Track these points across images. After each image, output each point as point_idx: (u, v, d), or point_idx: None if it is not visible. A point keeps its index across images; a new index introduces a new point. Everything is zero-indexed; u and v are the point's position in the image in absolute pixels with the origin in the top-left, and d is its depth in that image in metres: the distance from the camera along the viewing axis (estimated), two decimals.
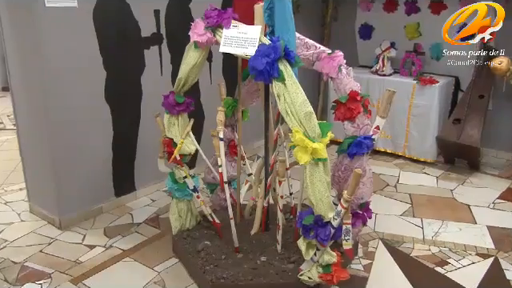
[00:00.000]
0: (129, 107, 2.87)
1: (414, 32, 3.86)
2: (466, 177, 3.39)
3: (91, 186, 2.74)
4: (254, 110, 2.46)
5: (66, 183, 2.61)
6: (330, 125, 1.72)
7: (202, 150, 2.27)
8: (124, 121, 2.85)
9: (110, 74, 2.68)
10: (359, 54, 4.23)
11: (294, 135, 1.66)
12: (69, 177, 2.61)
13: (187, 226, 2.38)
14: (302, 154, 1.65)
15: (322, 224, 1.72)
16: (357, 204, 2.09)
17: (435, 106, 3.50)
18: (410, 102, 3.60)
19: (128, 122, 2.89)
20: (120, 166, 2.89)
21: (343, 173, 2.03)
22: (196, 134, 2.29)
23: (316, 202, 1.70)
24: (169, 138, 2.17)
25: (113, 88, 2.71)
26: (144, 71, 2.89)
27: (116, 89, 2.73)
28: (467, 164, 3.56)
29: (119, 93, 2.76)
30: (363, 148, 1.97)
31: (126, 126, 2.88)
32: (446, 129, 3.50)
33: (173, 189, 2.28)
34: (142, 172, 3.03)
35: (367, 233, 2.56)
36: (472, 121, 3.39)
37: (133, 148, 2.97)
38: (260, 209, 2.26)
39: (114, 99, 2.74)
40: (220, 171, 2.11)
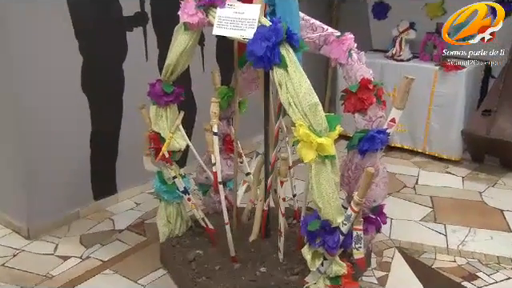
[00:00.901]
0: (109, 98, 2.90)
1: (436, 9, 3.84)
2: (498, 177, 3.41)
3: (66, 188, 2.77)
4: (252, 101, 2.50)
5: (36, 185, 2.62)
6: (339, 117, 1.75)
7: (194, 147, 2.31)
8: (104, 113, 2.88)
9: (86, 59, 2.71)
10: (373, 37, 4.24)
11: (297, 129, 1.69)
12: (39, 178, 2.62)
13: (177, 233, 2.43)
14: (306, 150, 1.68)
15: (330, 230, 1.76)
16: (369, 207, 2.12)
17: (461, 94, 3.52)
18: (432, 91, 3.63)
19: (108, 114, 2.92)
20: (99, 165, 2.93)
21: (353, 172, 2.07)
22: (187, 128, 2.33)
23: (323, 205, 1.73)
24: (156, 132, 2.22)
25: (90, 76, 2.74)
26: (126, 56, 2.92)
27: (94, 77, 2.76)
28: (499, 162, 3.58)
29: (98, 81, 2.79)
30: (376, 144, 2.00)
31: (107, 119, 2.91)
32: (474, 121, 3.52)
33: (160, 190, 2.32)
34: (124, 172, 3.07)
35: (381, 240, 2.61)
36: (505, 112, 3.38)
37: (114, 144, 3.01)
38: (259, 213, 2.31)
39: (91, 89, 2.77)
40: (214, 170, 2.15)
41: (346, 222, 1.72)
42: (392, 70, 3.77)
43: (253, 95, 2.45)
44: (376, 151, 2.04)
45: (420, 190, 3.27)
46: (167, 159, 2.23)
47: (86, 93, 2.75)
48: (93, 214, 2.92)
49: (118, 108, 2.96)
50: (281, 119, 2.16)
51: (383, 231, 2.55)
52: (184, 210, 2.45)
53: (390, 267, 2.38)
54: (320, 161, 1.69)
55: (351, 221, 1.71)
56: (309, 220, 1.82)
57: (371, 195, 2.07)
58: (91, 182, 2.92)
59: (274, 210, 2.34)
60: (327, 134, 1.69)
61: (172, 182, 2.29)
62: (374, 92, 2.02)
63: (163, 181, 2.31)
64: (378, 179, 2.08)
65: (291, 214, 2.56)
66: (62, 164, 2.72)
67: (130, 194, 3.15)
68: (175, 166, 2.29)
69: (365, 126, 2.03)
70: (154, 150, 2.24)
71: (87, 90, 2.76)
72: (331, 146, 1.68)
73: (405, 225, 2.80)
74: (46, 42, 2.51)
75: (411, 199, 3.14)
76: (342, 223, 1.73)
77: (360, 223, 1.72)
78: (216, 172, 2.14)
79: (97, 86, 2.79)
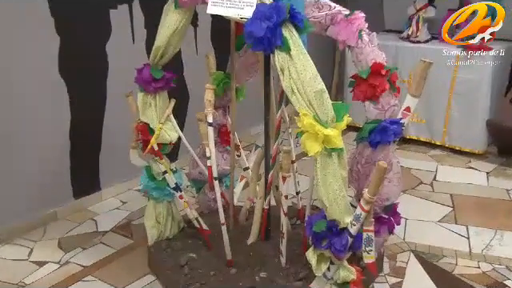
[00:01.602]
0: (91, 84, 2.91)
1: None
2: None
3: (42, 185, 2.78)
4: (251, 88, 2.52)
5: (7, 182, 2.63)
6: (348, 106, 1.76)
7: (186, 138, 2.34)
8: (85, 101, 2.89)
9: (64, 40, 2.71)
10: (386, 16, 4.24)
11: (301, 119, 1.70)
12: (10, 173, 2.63)
13: (167, 235, 2.46)
14: (311, 142, 1.70)
15: (337, 231, 1.78)
16: (381, 206, 2.14)
17: (487, 80, 3.51)
18: (453, 77, 3.63)
19: (90, 102, 2.94)
20: (80, 160, 2.95)
21: (363, 167, 2.09)
22: (178, 118, 2.35)
23: (329, 203, 1.75)
24: (144, 122, 2.24)
25: (69, 59, 2.75)
26: (110, 38, 2.93)
27: (73, 60, 2.77)
28: None
29: (78, 65, 2.80)
30: (389, 135, 2.01)
31: (88, 108, 2.93)
32: (502, 110, 3.52)
33: (149, 187, 2.35)
34: (109, 167, 3.10)
35: (395, 243, 2.64)
36: None
37: (97, 136, 3.02)
38: (259, 212, 2.34)
39: (70, 73, 2.78)
40: (209, 164, 2.17)
41: (355, 223, 1.74)
42: (408, 52, 3.78)
43: (252, 81, 2.47)
44: (389, 144, 2.06)
45: (439, 188, 3.29)
46: (156, 152, 2.25)
47: (64, 78, 2.77)
48: (73, 215, 2.94)
49: (100, 95, 2.98)
50: (283, 108, 2.18)
51: (397, 233, 2.58)
52: (175, 209, 2.48)
53: (405, 273, 2.40)
54: (326, 154, 1.71)
55: (361, 221, 1.73)
56: (314, 220, 1.84)
57: (383, 193, 2.09)
58: (71, 178, 2.94)
59: (275, 209, 2.37)
60: (334, 125, 1.71)
61: (162, 178, 2.32)
62: (387, 78, 2.03)
63: (152, 176, 2.33)
64: (391, 175, 2.10)
65: (294, 213, 2.59)
66: (37, 158, 2.73)
67: (114, 192, 3.18)
68: (165, 160, 2.32)
69: (376, 116, 2.04)
70: (142, 142, 2.26)
71: (65, 75, 2.77)
72: (339, 138, 1.70)
73: (421, 226, 2.82)
74: (17, 20, 2.50)
75: (428, 197, 3.17)
76: (351, 224, 1.75)
77: (371, 224, 1.74)
78: (211, 167, 2.16)
79: (76, 71, 2.80)
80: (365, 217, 1.72)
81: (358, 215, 1.73)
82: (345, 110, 1.74)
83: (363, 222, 1.73)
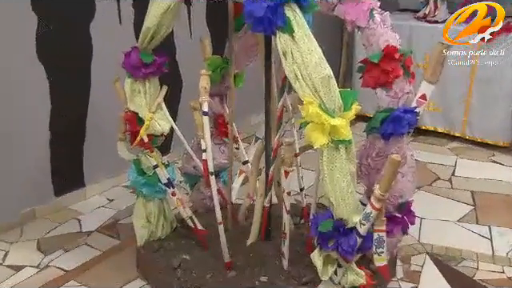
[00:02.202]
0: (73, 68, 2.91)
1: None
2: None
3: (19, 182, 2.78)
4: (250, 74, 2.52)
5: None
6: (357, 93, 1.76)
7: (180, 129, 2.34)
8: (67, 88, 2.89)
9: (43, 20, 2.69)
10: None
11: (305, 108, 1.71)
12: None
13: (159, 235, 2.47)
14: (316, 133, 1.70)
15: (345, 231, 1.79)
16: (394, 204, 2.15)
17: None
18: (474, 61, 3.63)
19: (73, 89, 2.93)
20: (62, 154, 2.95)
21: (374, 160, 2.09)
22: (170, 107, 2.35)
23: (336, 200, 1.76)
24: (132, 111, 2.25)
25: (49, 41, 2.74)
26: (94, 18, 2.92)
27: (53, 42, 2.76)
28: None
29: (58, 48, 2.79)
30: (403, 126, 2.02)
31: (70, 96, 2.93)
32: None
33: (138, 183, 2.36)
34: (93, 161, 3.10)
35: (409, 244, 2.65)
36: None
37: (81, 127, 3.03)
38: (259, 210, 2.35)
39: (50, 57, 2.76)
40: (204, 158, 2.18)
41: (365, 222, 1.75)
42: (424, 34, 3.76)
43: (251, 66, 2.47)
44: (402, 135, 2.06)
45: (458, 184, 3.30)
46: (146, 145, 2.26)
47: (43, 62, 2.76)
48: (53, 214, 2.95)
49: (84, 82, 2.98)
50: (285, 96, 2.19)
51: (411, 233, 2.58)
52: (167, 207, 2.49)
53: (420, 277, 2.41)
54: (333, 146, 1.72)
55: (371, 220, 1.74)
56: (320, 219, 1.85)
57: (396, 189, 2.09)
58: (51, 173, 2.94)
59: (276, 208, 2.38)
60: (342, 114, 1.71)
61: (152, 173, 2.33)
62: (401, 62, 2.03)
63: (141, 171, 2.34)
64: (404, 169, 2.11)
65: (298, 211, 2.60)
66: (13, 151, 2.72)
67: (100, 189, 3.20)
68: (156, 153, 2.33)
69: (389, 104, 2.05)
70: (130, 133, 2.27)
71: (44, 59, 2.76)
72: (347, 129, 1.70)
73: (438, 226, 2.84)
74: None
75: (447, 195, 3.18)
76: (360, 223, 1.76)
77: (382, 223, 1.75)
78: (206, 160, 2.17)
79: (57, 54, 2.79)
80: (376, 216, 1.72)
81: (368, 214, 1.74)
82: (353, 97, 1.74)
83: (374, 222, 1.74)
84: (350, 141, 1.72)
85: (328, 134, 1.70)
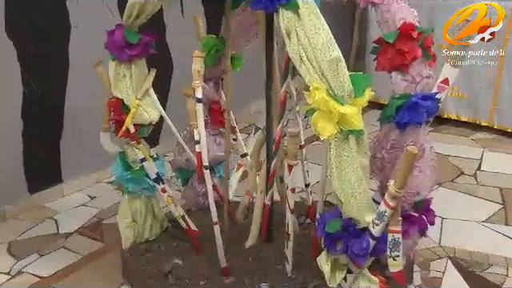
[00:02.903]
0: (48, 48, 2.90)
1: None
2: None
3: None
4: (249, 56, 2.52)
5: None
6: (370, 77, 1.77)
7: (170, 118, 2.34)
8: (41, 70, 2.88)
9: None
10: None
11: (312, 94, 1.72)
12: None
13: (146, 236, 2.48)
14: (324, 123, 1.71)
15: (356, 232, 1.81)
16: (411, 202, 2.14)
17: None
18: (505, 39, 3.61)
19: (48, 72, 2.93)
20: (36, 146, 2.96)
21: (389, 153, 2.09)
22: (160, 93, 2.35)
23: (346, 197, 1.78)
24: (117, 98, 2.24)
25: (20, 16, 2.72)
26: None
27: (25, 18, 2.74)
28: None
29: (31, 25, 2.77)
30: (421, 114, 2.01)
31: (46, 79, 2.93)
32: None
33: (124, 179, 2.36)
34: (73, 154, 3.11)
35: (428, 248, 2.66)
36: None
37: (58, 115, 3.03)
38: (260, 209, 2.36)
39: (22, 35, 2.75)
40: (197, 150, 2.19)
41: (379, 222, 1.76)
42: (445, 10, 3.75)
43: (251, 48, 2.47)
44: (420, 124, 2.05)
45: (484, 179, 3.31)
46: (133, 135, 2.26)
47: (14, 40, 2.74)
48: (27, 213, 2.96)
49: (61, 64, 2.97)
50: (289, 81, 2.18)
51: (430, 235, 2.57)
52: (156, 205, 2.50)
53: (440, 285, 2.42)
54: (342, 137, 1.73)
55: (385, 220, 1.75)
56: (327, 218, 1.87)
57: (413, 185, 2.09)
58: (24, 167, 2.95)
59: (279, 206, 2.39)
60: (352, 101, 1.72)
61: (139, 167, 2.34)
62: (420, 42, 2.03)
63: (127, 165, 2.35)
64: (422, 163, 2.11)
65: (303, 210, 2.62)
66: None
67: (80, 185, 3.21)
68: (144, 145, 2.33)
69: (405, 90, 2.04)
70: (115, 122, 2.27)
71: (15, 37, 2.74)
72: (358, 117, 1.71)
73: (462, 227, 2.84)
74: None
75: (471, 192, 3.18)
76: (373, 223, 1.78)
77: (398, 223, 1.76)
78: (201, 153, 2.18)
79: (29, 31, 2.77)
80: (390, 215, 1.74)
81: (381, 213, 1.75)
82: (366, 82, 1.75)
83: (388, 221, 1.75)
84: (361, 131, 1.73)
85: (337, 123, 1.71)
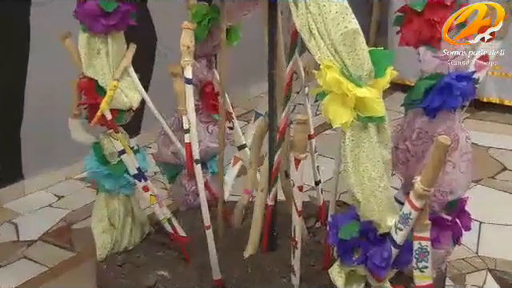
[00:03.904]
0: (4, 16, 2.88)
1: None
2: None
3: None
4: (248, 28, 2.52)
5: None
6: (393, 54, 1.77)
7: (154, 102, 2.34)
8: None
9: None
10: None
11: (323, 73, 1.71)
12: None
13: (125, 244, 2.49)
14: (337, 108, 1.71)
15: (376, 238, 1.81)
16: (441, 202, 2.14)
17: None
18: None
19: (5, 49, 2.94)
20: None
21: (415, 144, 2.09)
22: (141, 72, 2.35)
23: (364, 197, 1.77)
24: (90, 78, 2.23)
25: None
26: None
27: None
28: None
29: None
30: (455, 97, 2.00)
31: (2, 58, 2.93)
32: None
33: (98, 175, 2.36)
34: (36, 145, 3.12)
35: (463, 258, 2.66)
36: None
37: (17, 99, 3.03)
38: (260, 211, 2.36)
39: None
40: (187, 141, 2.19)
41: (403, 227, 1.76)
42: None
43: (250, 19, 2.46)
44: (454, 110, 2.06)
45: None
46: (110, 123, 2.26)
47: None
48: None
49: (20, 36, 2.97)
50: (296, 58, 2.18)
51: (466, 243, 2.59)
52: (137, 206, 2.51)
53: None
54: (360, 126, 1.72)
55: (410, 224, 1.74)
56: (341, 222, 1.87)
57: (445, 182, 2.09)
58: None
59: (284, 206, 2.39)
60: (372, 82, 1.72)
61: (117, 161, 2.34)
62: (454, 10, 2.03)
63: (103, 159, 2.35)
64: (456, 156, 2.10)
65: (313, 211, 2.62)
66: None
67: (45, 182, 3.22)
68: (123, 135, 2.33)
69: (436, 69, 2.03)
70: (88, 107, 2.26)
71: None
72: (378, 102, 1.71)
73: (504, 233, 2.85)
74: None
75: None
76: (396, 228, 1.77)
77: (426, 228, 1.75)
78: (190, 144, 2.18)
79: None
80: (416, 218, 1.73)
81: (406, 215, 1.74)
82: (388, 59, 1.75)
83: (414, 226, 1.75)
84: (382, 117, 1.73)
85: (353, 108, 1.70)
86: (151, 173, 2.54)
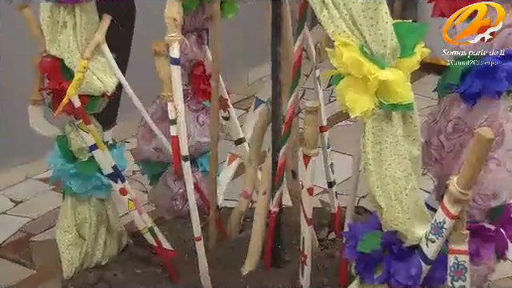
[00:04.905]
0: None
1: None
2: None
3: None
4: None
5: None
6: (424, 28, 1.78)
7: (133, 87, 2.35)
8: None
9: None
10: None
11: (338, 52, 1.71)
12: None
13: (98, 259, 2.50)
14: (356, 94, 1.71)
15: (402, 252, 1.82)
16: (483, 209, 2.15)
17: None
18: None
19: None
20: None
21: (451, 138, 2.09)
22: (117, 51, 2.36)
23: (387, 201, 1.78)
24: (54, 57, 2.23)
25: None
26: None
27: None
28: None
29: None
30: (499, 80, 2.00)
31: None
32: None
33: (65, 174, 2.37)
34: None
35: (510, 276, 2.70)
36: None
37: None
38: (262, 218, 2.37)
39: None
40: (173, 134, 2.20)
41: (435, 238, 1.77)
42: None
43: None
44: (499, 96, 2.06)
45: None
46: (79, 112, 2.26)
47: None
48: None
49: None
50: (305, 33, 2.19)
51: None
52: (113, 213, 2.52)
53: None
54: (383, 115, 1.73)
55: (445, 235, 1.75)
56: (360, 232, 1.88)
57: (487, 184, 2.09)
58: None
59: (291, 213, 2.40)
60: (397, 62, 1.73)
61: (88, 158, 2.35)
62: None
63: (70, 155, 2.36)
64: (501, 152, 2.11)
65: (326, 219, 2.65)
66: None
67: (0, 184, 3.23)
68: (95, 127, 2.33)
69: (476, 46, 2.04)
70: (52, 92, 2.27)
71: None
72: (405, 86, 1.71)
73: None
74: None
75: None
76: (427, 239, 1.78)
77: (463, 240, 1.76)
78: (177, 137, 2.19)
79: None
80: (452, 227, 1.74)
81: (438, 224, 1.75)
82: (417, 34, 1.76)
83: (449, 237, 1.76)
84: (410, 105, 1.73)
85: (375, 94, 1.71)
86: (129, 172, 2.54)
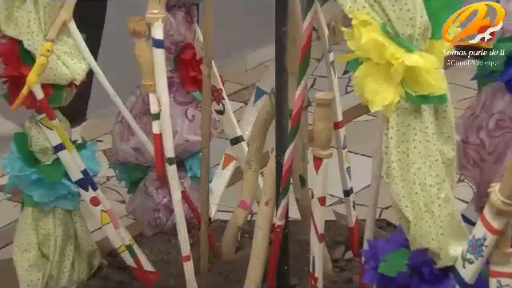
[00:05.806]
0: None
1: None
2: None
3: None
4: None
5: None
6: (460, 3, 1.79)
7: (107, 75, 2.34)
8: None
9: None
10: None
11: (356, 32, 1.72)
12: None
13: (64, 282, 2.51)
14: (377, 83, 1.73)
15: (433, 275, 1.83)
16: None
17: None
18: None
19: None
20: None
21: (494, 136, 2.10)
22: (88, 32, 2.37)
23: (415, 213, 1.78)
24: (10, 38, 2.25)
25: None
26: None
27: None
28: None
29: None
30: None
31: None
32: None
33: (23, 181, 2.38)
34: None
35: None
36: None
37: None
38: (264, 233, 2.37)
39: None
40: (156, 132, 2.21)
41: (474, 257, 1.76)
42: None
43: None
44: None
45: None
46: (42, 105, 2.27)
47: None
48: None
49: None
50: (316, 10, 2.20)
51: None
52: (82, 228, 2.53)
53: None
54: (410, 109, 1.74)
55: (486, 254, 1.75)
56: (383, 251, 1.89)
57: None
58: None
59: (299, 227, 2.44)
60: (427, 45, 1.74)
61: (53, 161, 2.36)
62: None
63: (30, 157, 2.37)
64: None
65: (341, 235, 2.66)
66: None
67: None
68: (62, 123, 2.34)
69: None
70: (8, 81, 2.28)
71: None
72: (437, 74, 1.72)
73: None
74: None
75: None
76: (464, 259, 1.78)
77: (508, 260, 1.76)
78: (160, 135, 2.20)
79: None
80: (494, 244, 1.74)
81: (478, 241, 1.75)
82: (452, 11, 1.77)
83: (491, 257, 1.75)
84: (442, 97, 1.74)
85: (400, 83, 1.71)
86: (103, 178, 2.54)
